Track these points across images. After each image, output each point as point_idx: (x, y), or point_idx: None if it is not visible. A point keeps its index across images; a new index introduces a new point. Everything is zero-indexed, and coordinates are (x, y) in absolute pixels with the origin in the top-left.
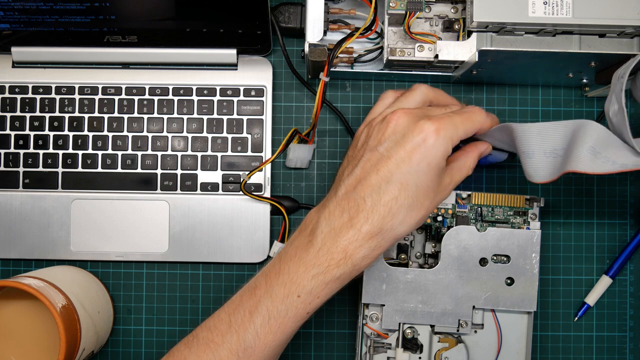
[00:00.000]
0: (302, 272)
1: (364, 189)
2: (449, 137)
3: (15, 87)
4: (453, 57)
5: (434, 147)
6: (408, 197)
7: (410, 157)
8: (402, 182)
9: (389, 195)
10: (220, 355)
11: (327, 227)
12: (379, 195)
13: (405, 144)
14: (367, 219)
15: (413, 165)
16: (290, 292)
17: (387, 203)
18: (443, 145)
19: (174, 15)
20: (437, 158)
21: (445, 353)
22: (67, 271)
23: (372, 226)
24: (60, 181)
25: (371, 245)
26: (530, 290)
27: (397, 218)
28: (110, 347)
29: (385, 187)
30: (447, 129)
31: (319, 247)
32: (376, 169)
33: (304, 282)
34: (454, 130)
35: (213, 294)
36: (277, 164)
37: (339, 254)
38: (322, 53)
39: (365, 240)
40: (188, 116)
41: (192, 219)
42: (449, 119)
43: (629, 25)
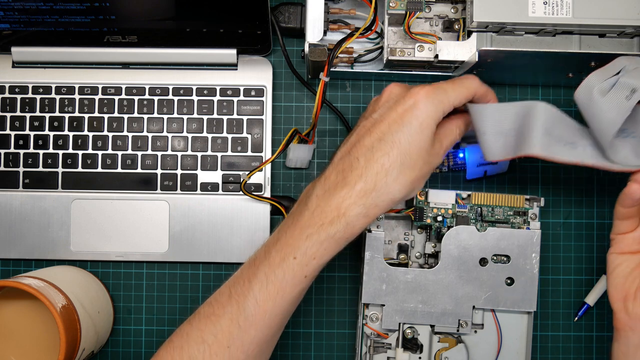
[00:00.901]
0: (297, 234)
1: (358, 149)
2: (439, 100)
3: (15, 87)
4: (453, 57)
5: (424, 108)
6: (400, 154)
7: (402, 117)
8: (394, 141)
9: (381, 152)
10: (221, 326)
11: (321, 190)
12: (372, 153)
13: (397, 107)
14: (360, 176)
15: (404, 124)
16: (286, 254)
17: (380, 159)
18: (433, 107)
19: (174, 15)
20: (427, 118)
21: (445, 353)
22: (67, 271)
23: (365, 183)
24: (60, 181)
25: (366, 202)
26: (530, 290)
27: (390, 175)
28: (110, 347)
29: (378, 146)
30: (436, 93)
31: (313, 208)
32: (369, 132)
33: (299, 243)
34: (443, 94)
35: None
36: (277, 164)
37: (332, 211)
38: (322, 53)
39: (359, 197)
40: (188, 116)
41: (192, 219)
42: (439, 85)
43: (629, 25)
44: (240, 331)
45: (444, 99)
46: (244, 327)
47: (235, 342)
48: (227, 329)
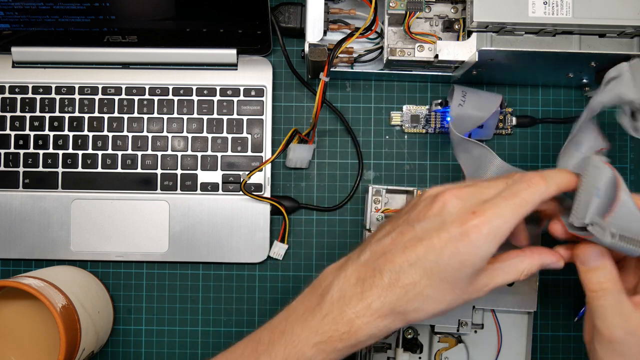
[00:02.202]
0: (304, 337)
1: (386, 263)
2: (493, 235)
3: (15, 87)
4: (453, 57)
5: (472, 246)
6: (429, 287)
7: (443, 248)
8: (427, 270)
9: (408, 278)
10: None
11: (338, 293)
12: (399, 275)
13: (441, 233)
14: (379, 297)
15: (443, 258)
16: (289, 355)
17: (405, 286)
18: (484, 246)
19: (174, 15)
20: (473, 258)
21: (445, 353)
22: (67, 271)
23: (383, 305)
24: (60, 181)
25: (379, 325)
26: (530, 290)
27: (411, 304)
28: (110, 347)
29: (408, 270)
30: (490, 227)
31: (326, 312)
32: (404, 246)
33: (305, 348)
34: (500, 226)
35: (213, 294)
36: (277, 164)
37: (344, 325)
38: (322, 53)
39: (374, 318)
40: (188, 116)
41: (192, 219)
42: (496, 211)
43: (629, 25)
44: None
45: (499, 230)
46: None
47: None
48: None
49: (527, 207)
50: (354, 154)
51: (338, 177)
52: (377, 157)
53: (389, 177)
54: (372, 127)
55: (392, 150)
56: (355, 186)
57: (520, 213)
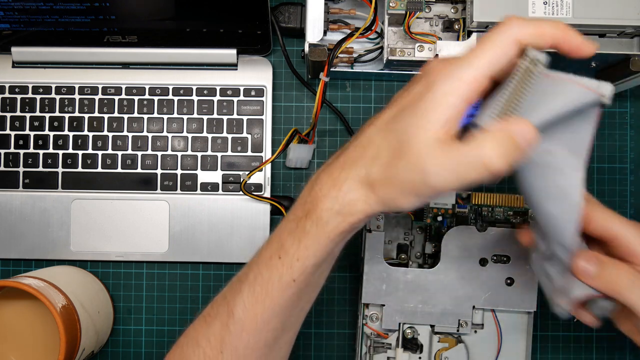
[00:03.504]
0: (282, 227)
1: (352, 141)
2: (457, 81)
3: (15, 87)
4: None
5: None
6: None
7: (412, 103)
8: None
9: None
10: (213, 330)
11: (316, 173)
12: (360, 142)
13: (411, 90)
14: (340, 164)
15: (409, 114)
16: (272, 252)
17: (367, 149)
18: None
19: (174, 15)
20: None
21: (445, 353)
22: (67, 271)
23: (342, 171)
24: (60, 181)
25: (340, 197)
26: (530, 290)
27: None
28: (110, 347)
29: (370, 135)
30: (455, 70)
31: (301, 195)
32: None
33: (282, 239)
34: (466, 72)
35: (213, 294)
36: (277, 164)
37: (310, 202)
38: (322, 53)
39: (334, 188)
40: (188, 116)
41: (192, 219)
42: (461, 58)
43: (629, 25)
44: (231, 336)
45: (467, 75)
46: (234, 332)
47: (228, 347)
48: (219, 333)
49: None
50: None
51: None
52: None
53: None
54: None
55: None
56: None
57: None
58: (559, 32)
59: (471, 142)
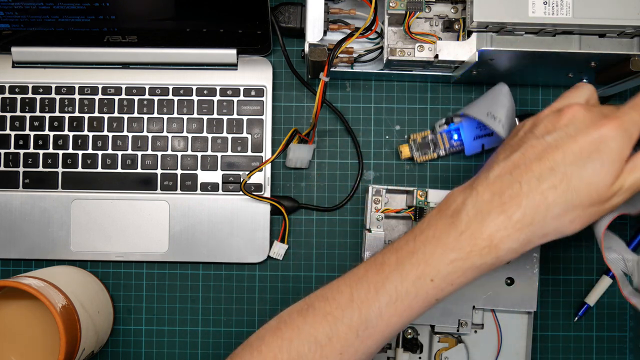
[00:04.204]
0: (439, 254)
1: (522, 173)
2: (628, 135)
3: (15, 87)
4: (453, 57)
5: (613, 145)
6: (569, 191)
7: (582, 150)
8: (567, 174)
9: (548, 183)
10: (338, 330)
11: (473, 210)
12: (538, 182)
13: (578, 137)
14: (519, 206)
15: (583, 159)
16: (423, 274)
17: (545, 191)
18: (622, 144)
19: (174, 15)
20: (612, 157)
21: (445, 353)
22: (67, 271)
23: (524, 214)
24: (60, 181)
25: (520, 237)
26: (530, 290)
27: (551, 211)
28: (110, 347)
29: (547, 175)
30: (626, 127)
31: (462, 230)
32: (539, 156)
33: (440, 265)
34: (633, 124)
35: (213, 294)
36: (277, 164)
37: (484, 240)
38: (322, 53)
39: (515, 230)
40: (188, 116)
41: (192, 219)
42: (628, 115)
43: (629, 25)
44: (357, 340)
45: (634, 131)
46: (362, 337)
47: (349, 350)
48: (344, 335)
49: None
50: (354, 154)
51: (338, 177)
52: (377, 157)
53: (389, 177)
54: (372, 127)
55: (392, 150)
56: (355, 186)
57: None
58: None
59: None
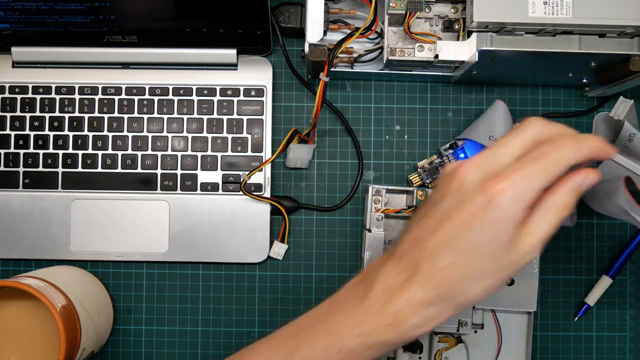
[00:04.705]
0: (347, 326)
1: (421, 251)
2: (520, 198)
3: (15, 87)
4: (453, 57)
5: (499, 211)
6: (468, 266)
7: (471, 221)
8: (461, 249)
9: (445, 261)
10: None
11: (381, 287)
12: (435, 260)
13: (466, 205)
14: (421, 286)
15: (473, 231)
16: (331, 344)
17: (443, 271)
18: (511, 210)
19: (174, 15)
20: (502, 224)
21: (445, 353)
22: (67, 271)
23: (426, 294)
24: (60, 181)
25: (426, 314)
26: (530, 290)
27: (454, 287)
28: (110, 347)
29: (441, 252)
30: (517, 188)
31: (370, 304)
32: (434, 229)
33: (347, 338)
34: (527, 187)
35: (213, 294)
36: (277, 164)
37: (388, 317)
38: (322, 53)
39: (419, 308)
40: (188, 116)
41: (192, 219)
42: (522, 173)
43: (629, 25)
44: None
45: (526, 193)
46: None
47: None
48: None
49: (554, 170)
50: (354, 154)
51: (338, 177)
52: (377, 157)
53: (389, 177)
54: (372, 127)
55: (392, 150)
56: (355, 186)
57: (548, 175)
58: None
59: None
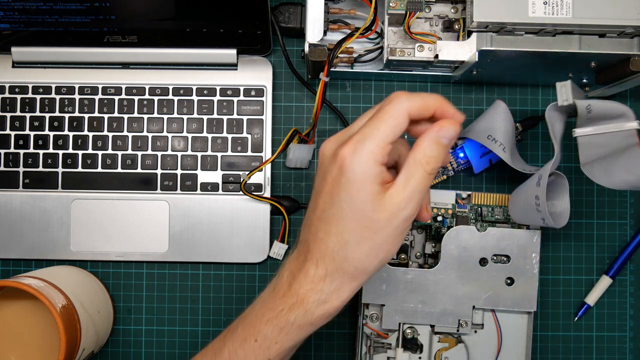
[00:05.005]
0: (260, 315)
1: (308, 231)
2: (366, 155)
3: (15, 87)
4: (453, 57)
5: (351, 173)
6: (341, 232)
7: (332, 190)
8: (332, 218)
9: (324, 232)
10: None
11: (288, 270)
12: (317, 235)
13: (327, 177)
14: (314, 262)
15: (337, 198)
16: (248, 335)
17: (324, 242)
18: (360, 168)
19: (174, 15)
20: (358, 184)
21: (445, 353)
22: (67, 271)
23: (319, 268)
24: (60, 181)
25: (326, 289)
26: (530, 290)
27: (338, 256)
28: (110, 347)
29: (320, 226)
30: (360, 147)
31: (277, 289)
32: (313, 209)
33: (260, 325)
34: (370, 143)
35: (213, 294)
36: (277, 164)
37: (291, 297)
38: (322, 53)
39: (317, 284)
40: (188, 116)
41: (192, 219)
42: (362, 133)
43: (629, 25)
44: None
45: (373, 147)
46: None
47: None
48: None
49: (393, 121)
50: None
51: None
52: None
53: None
54: None
55: None
56: None
57: (385, 128)
58: (438, 103)
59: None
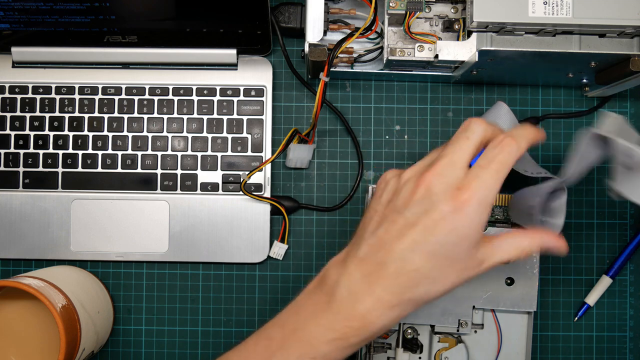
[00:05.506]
0: (319, 334)
1: (386, 254)
2: (483, 204)
3: (15, 87)
4: (453, 57)
5: (466, 218)
6: (432, 269)
7: (438, 227)
8: (427, 253)
9: (412, 265)
10: None
11: (346, 290)
12: (402, 263)
13: (433, 213)
14: (387, 288)
15: (440, 236)
16: (305, 352)
17: (409, 273)
18: (477, 217)
19: (174, 15)
20: (468, 230)
21: (445, 353)
22: (67, 271)
23: (392, 296)
24: (60, 181)
25: (391, 315)
26: (530, 290)
27: (419, 289)
28: (110, 347)
29: (409, 257)
30: (479, 194)
31: (337, 310)
32: (401, 234)
33: (320, 345)
34: (487, 194)
35: (213, 294)
36: (277, 164)
37: (357, 321)
38: (322, 53)
39: (385, 310)
40: (188, 116)
41: (192, 219)
42: (480, 182)
43: (629, 25)
44: None
45: (489, 198)
46: None
47: None
48: None
49: (505, 170)
50: (354, 154)
51: (338, 177)
52: (377, 157)
53: None
54: (372, 127)
55: (392, 150)
56: (355, 186)
57: (500, 177)
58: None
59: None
